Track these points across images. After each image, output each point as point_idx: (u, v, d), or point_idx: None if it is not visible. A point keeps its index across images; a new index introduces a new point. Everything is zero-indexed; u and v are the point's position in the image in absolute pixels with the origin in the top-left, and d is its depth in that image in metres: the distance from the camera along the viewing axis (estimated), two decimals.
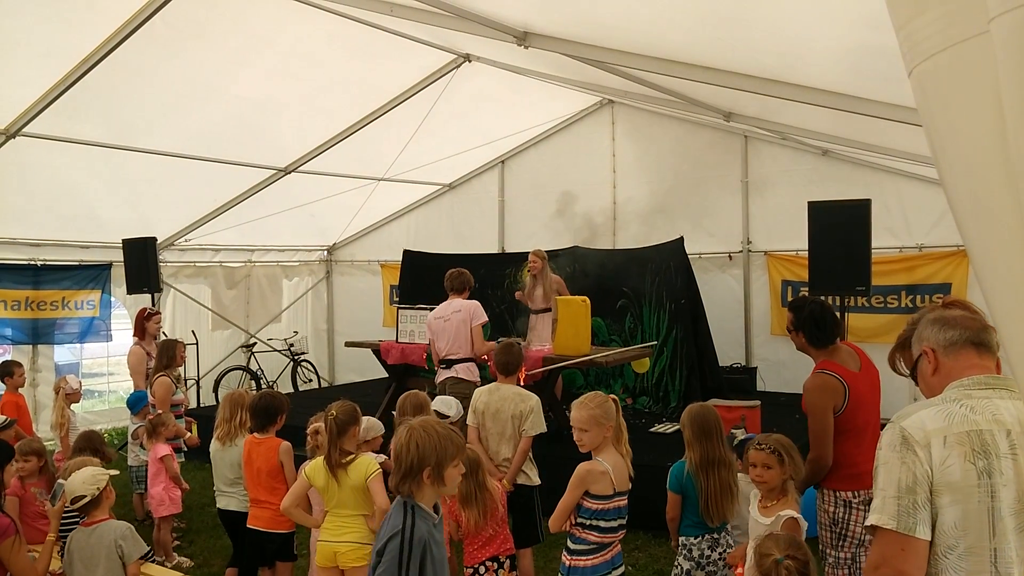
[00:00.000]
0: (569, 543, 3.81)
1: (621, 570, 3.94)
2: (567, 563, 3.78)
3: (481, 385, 6.80)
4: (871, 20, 3.41)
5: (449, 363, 6.73)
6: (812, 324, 3.89)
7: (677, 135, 10.20)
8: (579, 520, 3.75)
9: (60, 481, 3.88)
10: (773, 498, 3.54)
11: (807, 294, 9.05)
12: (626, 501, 3.82)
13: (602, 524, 3.72)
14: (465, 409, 6.53)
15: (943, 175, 1.05)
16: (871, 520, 1.99)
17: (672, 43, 5.52)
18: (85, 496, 3.70)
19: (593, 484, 3.69)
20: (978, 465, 1.91)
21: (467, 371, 6.71)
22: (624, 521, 3.85)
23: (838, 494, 3.74)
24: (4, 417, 5.89)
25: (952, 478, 1.92)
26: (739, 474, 3.99)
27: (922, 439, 1.95)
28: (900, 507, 1.93)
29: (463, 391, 6.61)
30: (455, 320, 6.71)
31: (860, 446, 3.70)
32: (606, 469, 3.72)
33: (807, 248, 6.91)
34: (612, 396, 3.92)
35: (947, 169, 1.03)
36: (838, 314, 5.05)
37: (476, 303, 6.83)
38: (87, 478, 3.75)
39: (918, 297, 8.60)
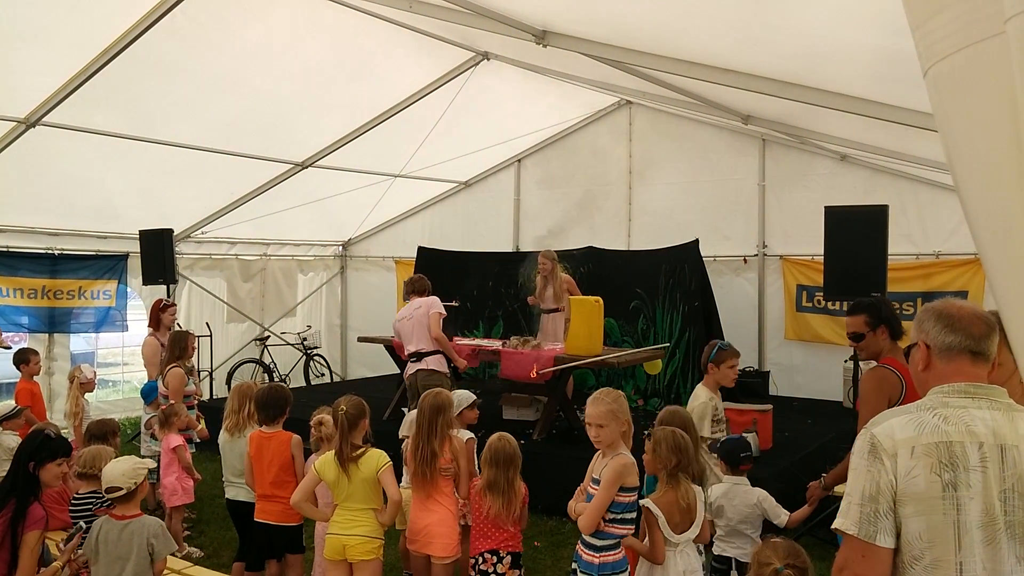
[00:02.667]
0: (592, 540, 3.73)
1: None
2: (596, 560, 3.66)
3: (450, 376, 7.02)
4: (891, 25, 3.39)
5: (419, 356, 7.04)
6: (892, 318, 4.01)
7: (694, 137, 10.17)
8: (608, 515, 3.71)
9: (80, 523, 3.75)
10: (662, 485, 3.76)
11: (822, 299, 9.05)
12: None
13: (628, 516, 3.70)
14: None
15: (956, 173, 1.03)
16: (836, 524, 2.02)
17: (692, 45, 5.50)
18: (122, 489, 3.58)
19: (628, 477, 3.67)
20: (944, 477, 1.91)
21: (437, 362, 7.05)
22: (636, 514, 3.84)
23: None
24: (13, 405, 5.94)
25: (916, 489, 1.92)
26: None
27: (890, 448, 1.96)
28: (862, 514, 1.96)
29: (436, 382, 6.79)
30: (418, 316, 7.08)
31: None
32: (634, 461, 3.70)
33: (823, 253, 6.86)
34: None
35: (960, 168, 1.02)
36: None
37: (435, 297, 7.24)
38: (127, 470, 3.63)
39: None
